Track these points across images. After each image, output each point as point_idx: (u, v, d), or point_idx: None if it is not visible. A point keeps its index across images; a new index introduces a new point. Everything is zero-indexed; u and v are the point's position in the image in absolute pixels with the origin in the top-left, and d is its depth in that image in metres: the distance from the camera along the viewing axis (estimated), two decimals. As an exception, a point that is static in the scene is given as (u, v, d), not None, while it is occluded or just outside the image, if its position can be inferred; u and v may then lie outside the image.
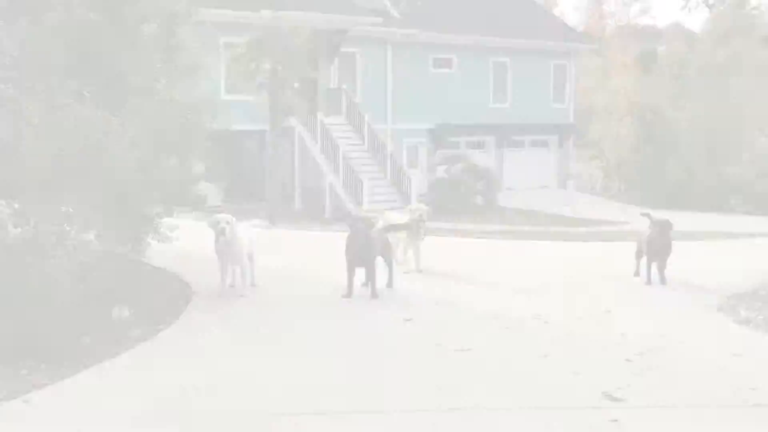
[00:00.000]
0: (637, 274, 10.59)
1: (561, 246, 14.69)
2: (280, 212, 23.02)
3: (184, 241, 10.26)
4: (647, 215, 11.34)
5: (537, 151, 34.30)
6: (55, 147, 6.34)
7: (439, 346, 6.70)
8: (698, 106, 32.53)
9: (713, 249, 12.94)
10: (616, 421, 4.85)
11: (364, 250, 8.89)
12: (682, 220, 10.60)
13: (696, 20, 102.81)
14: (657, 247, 10.07)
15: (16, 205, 6.29)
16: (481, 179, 26.80)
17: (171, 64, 7.98)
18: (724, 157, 30.43)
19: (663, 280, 10.06)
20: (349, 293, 8.92)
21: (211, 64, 10.25)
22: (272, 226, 19.74)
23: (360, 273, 9.22)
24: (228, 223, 8.66)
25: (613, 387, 5.46)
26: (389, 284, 9.44)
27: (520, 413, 5.03)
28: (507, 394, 5.40)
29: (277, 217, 21.68)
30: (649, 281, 10.15)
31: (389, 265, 9.55)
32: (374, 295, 8.93)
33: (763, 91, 29.64)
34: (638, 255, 10.67)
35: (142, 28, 7.62)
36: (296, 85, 22.67)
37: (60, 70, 6.79)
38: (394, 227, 10.19)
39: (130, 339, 7.01)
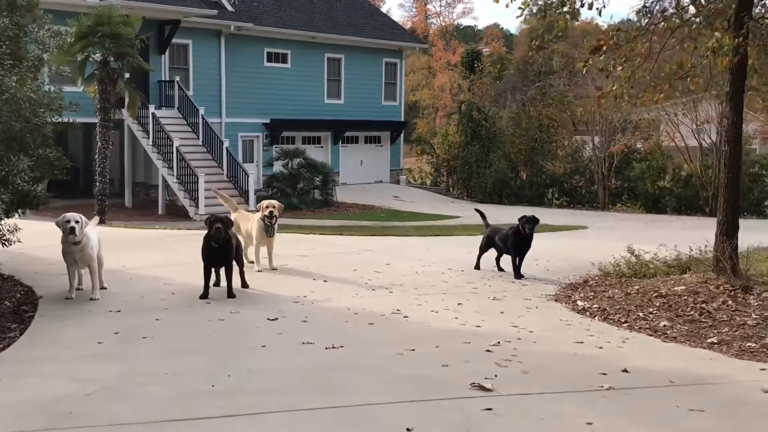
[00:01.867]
0: (477, 266, 11.21)
1: (402, 241, 15.17)
2: (110, 208, 22.08)
3: (24, 242, 9.70)
4: (480, 211, 12.08)
5: (371, 147, 35.02)
6: None
7: (309, 345, 6.77)
8: (518, 105, 34.56)
9: (537, 241, 13.79)
10: (490, 409, 5.15)
11: (223, 249, 8.79)
12: (505, 214, 11.31)
13: (513, 23, 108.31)
14: (522, 242, 10.65)
15: None
16: (319, 174, 27.03)
17: (20, 58, 7.49)
18: (542, 154, 32.48)
19: (518, 275, 10.66)
20: (205, 294, 8.80)
21: (35, 52, 9.66)
22: (103, 224, 18.92)
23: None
24: (77, 222, 8.28)
25: (481, 377, 5.77)
26: (243, 284, 9.38)
27: (398, 407, 5.20)
28: (383, 388, 5.56)
29: (107, 214, 20.80)
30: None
31: (240, 264, 9.48)
32: (231, 295, 8.85)
33: (577, 90, 31.87)
34: (482, 249, 11.29)
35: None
36: (127, 75, 21.82)
37: None
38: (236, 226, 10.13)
39: (-24, 350, 6.57)
